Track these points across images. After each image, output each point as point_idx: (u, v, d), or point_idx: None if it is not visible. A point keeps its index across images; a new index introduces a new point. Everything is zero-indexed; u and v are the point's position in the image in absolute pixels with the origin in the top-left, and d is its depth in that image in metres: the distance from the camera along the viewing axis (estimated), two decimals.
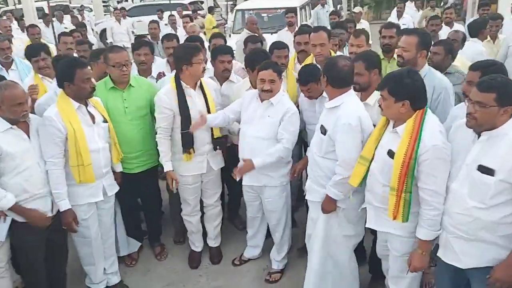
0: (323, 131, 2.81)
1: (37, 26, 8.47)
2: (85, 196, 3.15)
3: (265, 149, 3.20)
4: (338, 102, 2.78)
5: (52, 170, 2.95)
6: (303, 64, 3.80)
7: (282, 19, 9.65)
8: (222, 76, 3.86)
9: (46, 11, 15.29)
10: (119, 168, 3.48)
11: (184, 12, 11.85)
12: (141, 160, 3.59)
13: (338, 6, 13.39)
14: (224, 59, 3.79)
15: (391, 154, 2.39)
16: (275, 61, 3.51)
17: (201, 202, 3.76)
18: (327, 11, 10.03)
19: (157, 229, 4.11)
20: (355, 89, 2.95)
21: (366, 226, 2.75)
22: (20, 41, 7.42)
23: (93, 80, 3.18)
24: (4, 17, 10.75)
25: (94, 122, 3.13)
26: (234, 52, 4.66)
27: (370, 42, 8.53)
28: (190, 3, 16.30)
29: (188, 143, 3.40)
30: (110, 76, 3.49)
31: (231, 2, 19.16)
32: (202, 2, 18.27)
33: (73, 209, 3.07)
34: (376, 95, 2.87)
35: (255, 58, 3.51)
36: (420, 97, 2.39)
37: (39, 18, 11.60)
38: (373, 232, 2.92)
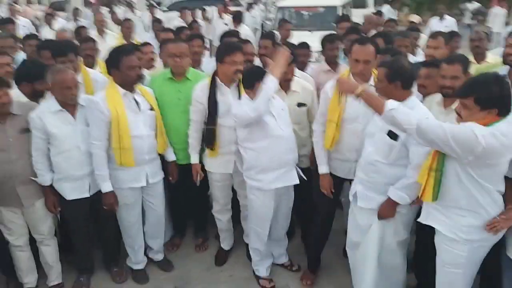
0: (394, 137, 2.69)
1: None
2: (126, 181, 3.29)
3: None
4: (411, 105, 2.65)
5: (95, 152, 3.15)
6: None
7: (323, 18, 9.74)
8: None
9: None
10: (171, 157, 3.58)
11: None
12: (187, 152, 3.61)
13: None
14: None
15: None
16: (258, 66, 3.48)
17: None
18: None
19: (201, 221, 4.16)
20: (447, 95, 2.83)
21: (418, 220, 2.67)
22: (112, 37, 6.69)
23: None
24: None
25: (140, 110, 3.24)
26: None
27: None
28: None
29: (209, 140, 3.41)
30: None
31: None
32: None
33: (117, 192, 3.27)
34: None
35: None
36: (507, 105, 2.25)
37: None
38: None
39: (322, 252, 3.66)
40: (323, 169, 3.27)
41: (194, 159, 3.57)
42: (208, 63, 4.43)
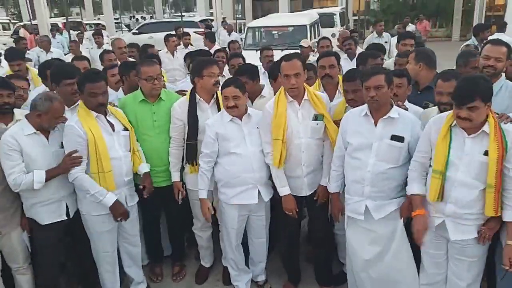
0: (401, 139, 2.80)
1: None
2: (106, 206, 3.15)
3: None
4: (398, 110, 2.86)
5: (80, 176, 3.06)
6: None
7: (292, 37, 10.01)
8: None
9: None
10: (145, 169, 3.44)
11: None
12: (168, 174, 3.57)
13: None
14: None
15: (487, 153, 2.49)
16: (236, 77, 3.50)
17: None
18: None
19: (179, 247, 4.06)
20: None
21: (453, 239, 2.68)
22: None
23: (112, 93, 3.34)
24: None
25: (114, 131, 3.21)
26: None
27: None
28: (201, 21, 16.67)
29: (190, 155, 3.45)
30: (141, 89, 3.55)
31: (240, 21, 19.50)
32: (212, 20, 18.64)
33: (93, 219, 3.19)
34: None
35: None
36: None
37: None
38: None
39: (299, 264, 3.71)
40: (284, 190, 3.27)
41: (175, 177, 3.55)
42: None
